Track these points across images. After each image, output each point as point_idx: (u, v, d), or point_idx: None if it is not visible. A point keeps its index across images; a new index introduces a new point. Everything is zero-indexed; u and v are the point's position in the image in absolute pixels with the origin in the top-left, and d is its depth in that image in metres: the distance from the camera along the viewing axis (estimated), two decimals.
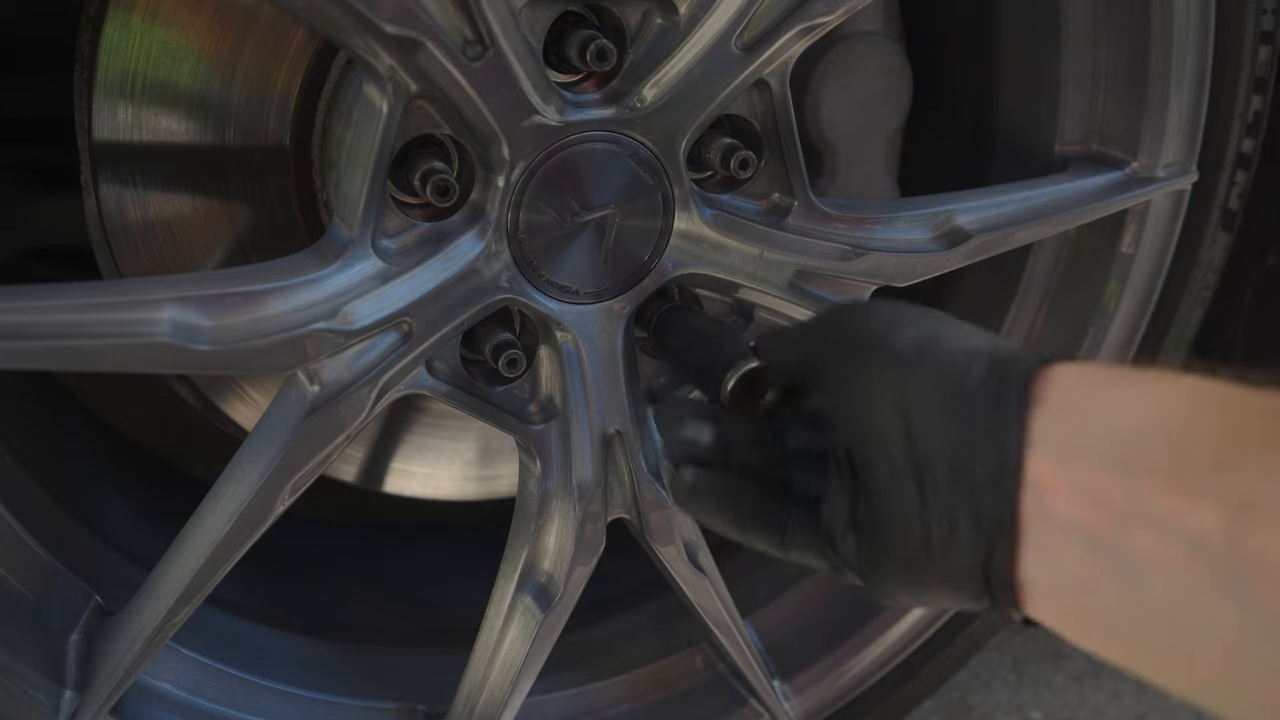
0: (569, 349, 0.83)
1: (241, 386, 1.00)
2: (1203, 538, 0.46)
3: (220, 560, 0.78)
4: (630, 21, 0.77)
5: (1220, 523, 0.46)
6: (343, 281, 0.74)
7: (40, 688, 0.79)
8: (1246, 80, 1.00)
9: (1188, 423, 0.50)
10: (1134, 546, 0.49)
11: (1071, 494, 0.52)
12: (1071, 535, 0.52)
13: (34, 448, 0.96)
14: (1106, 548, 0.50)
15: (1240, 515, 0.46)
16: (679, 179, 0.81)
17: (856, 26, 0.99)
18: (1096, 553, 0.51)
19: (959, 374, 0.58)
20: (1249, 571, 0.45)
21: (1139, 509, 0.49)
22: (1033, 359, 0.57)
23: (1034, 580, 0.55)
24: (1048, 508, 0.53)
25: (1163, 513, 0.48)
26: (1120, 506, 0.50)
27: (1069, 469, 0.52)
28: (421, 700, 1.01)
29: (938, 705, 1.40)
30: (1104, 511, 0.50)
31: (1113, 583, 0.50)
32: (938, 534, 0.57)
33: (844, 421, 0.63)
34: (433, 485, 1.15)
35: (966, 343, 0.60)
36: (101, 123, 0.82)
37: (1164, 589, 0.48)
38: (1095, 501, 0.51)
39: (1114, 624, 0.52)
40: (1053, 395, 0.55)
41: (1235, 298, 1.15)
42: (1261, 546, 0.45)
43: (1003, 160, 1.08)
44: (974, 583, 0.57)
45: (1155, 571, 0.48)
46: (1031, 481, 0.53)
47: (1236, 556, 0.45)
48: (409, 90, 0.71)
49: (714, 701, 1.09)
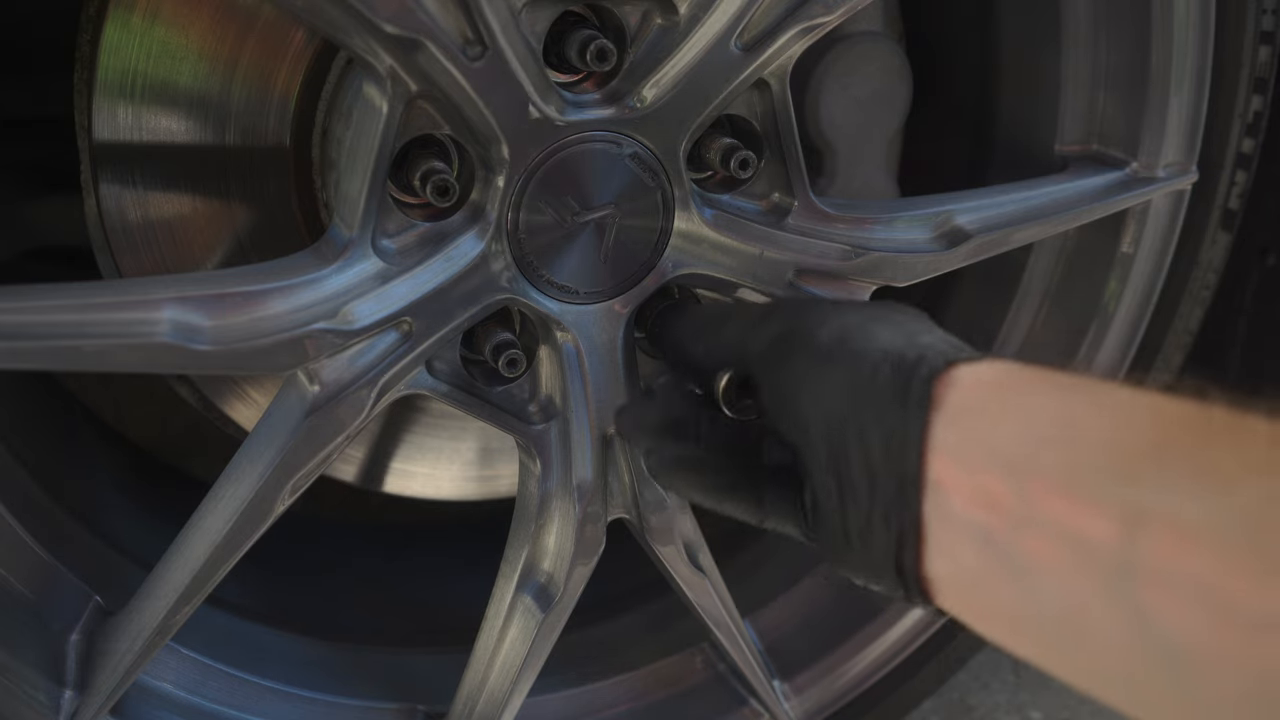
0: (569, 349, 0.83)
1: (241, 386, 1.00)
2: (1093, 544, 0.47)
3: (220, 560, 0.78)
4: (630, 21, 0.77)
5: (1111, 530, 0.46)
6: (343, 281, 0.74)
7: (40, 688, 0.79)
8: (1246, 80, 1.00)
9: (1085, 428, 0.51)
10: (1027, 550, 0.50)
11: (968, 495, 0.53)
12: (970, 535, 0.53)
13: (34, 448, 0.96)
14: (1002, 549, 0.51)
15: (1132, 524, 0.46)
16: (679, 179, 0.81)
17: (856, 26, 0.99)
18: (994, 554, 0.51)
19: (869, 375, 0.59)
20: (1140, 580, 0.45)
21: (1030, 513, 0.50)
22: (939, 359, 0.58)
23: (939, 576, 0.56)
24: (947, 508, 0.54)
25: (1054, 518, 0.48)
26: (1013, 509, 0.50)
27: (966, 471, 0.53)
28: (421, 700, 1.01)
29: (938, 705, 1.40)
30: (998, 513, 0.51)
31: (1010, 583, 0.51)
32: (855, 527, 0.59)
33: (781, 419, 0.65)
34: (433, 485, 1.15)
35: (882, 342, 0.61)
36: (101, 123, 0.82)
37: (1056, 593, 0.49)
38: (990, 504, 0.51)
39: (1014, 622, 0.53)
40: (955, 398, 0.56)
41: (1235, 298, 1.15)
42: (1152, 555, 0.45)
43: (1003, 160, 1.08)
44: (889, 574, 0.58)
45: (1046, 575, 0.49)
46: (932, 482, 0.54)
47: (1127, 565, 0.45)
48: (409, 90, 0.71)
49: (714, 701, 1.09)
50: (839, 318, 0.65)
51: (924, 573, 0.56)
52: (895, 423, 0.56)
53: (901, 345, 0.61)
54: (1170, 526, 0.44)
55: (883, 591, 0.62)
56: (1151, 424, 0.49)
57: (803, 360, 0.64)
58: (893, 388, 0.58)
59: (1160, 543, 0.44)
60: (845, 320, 0.65)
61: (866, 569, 0.60)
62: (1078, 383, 0.54)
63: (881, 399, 0.58)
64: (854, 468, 0.59)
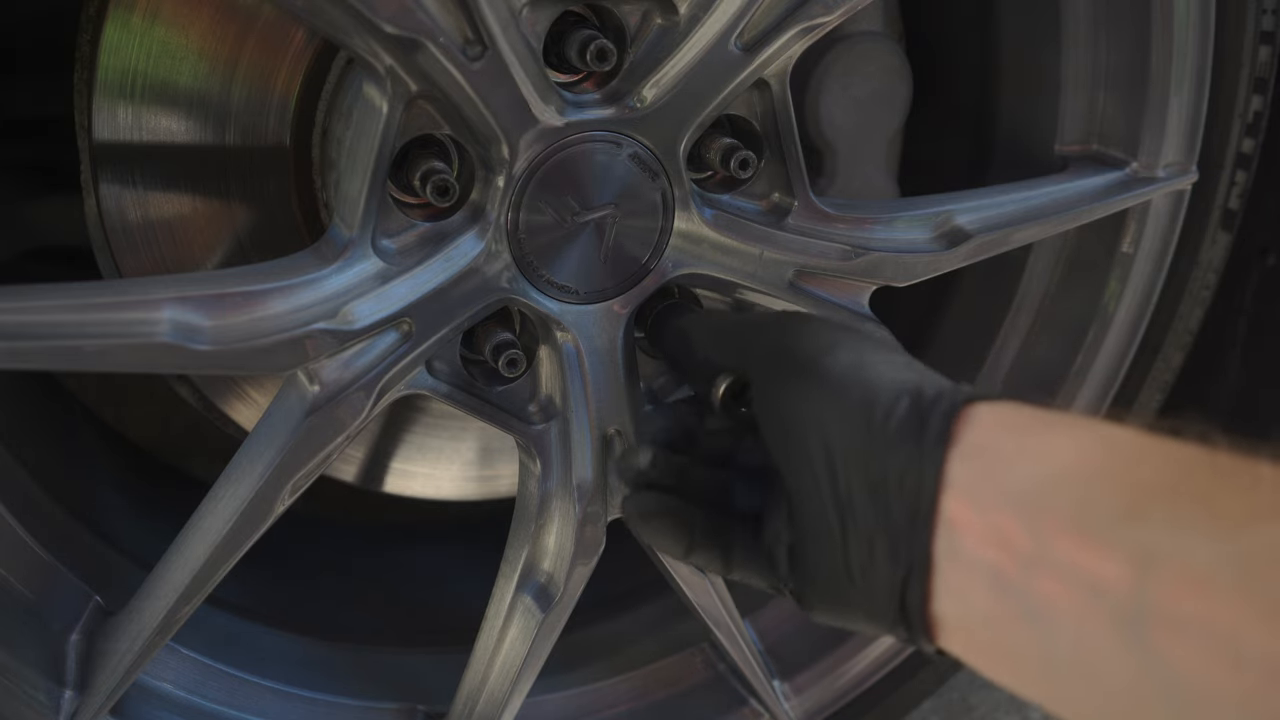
0: (569, 349, 0.83)
1: (241, 386, 1.00)
2: (1105, 587, 0.47)
3: (220, 560, 0.78)
4: (630, 21, 0.77)
5: (1123, 573, 0.46)
6: (343, 281, 0.74)
7: (40, 688, 0.79)
8: (1246, 80, 1.00)
9: (1098, 470, 0.51)
10: (1039, 591, 0.50)
11: (981, 535, 0.52)
12: (981, 576, 0.52)
13: (34, 448, 0.96)
14: (1013, 590, 0.51)
15: (1144, 567, 0.46)
16: (679, 179, 0.81)
17: (856, 26, 0.99)
18: (1004, 595, 0.51)
19: (884, 410, 0.58)
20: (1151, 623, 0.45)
21: (1044, 554, 0.50)
22: (956, 398, 0.58)
23: (946, 616, 0.55)
24: (959, 547, 0.54)
25: (1067, 559, 0.49)
26: (1026, 550, 0.50)
27: (980, 511, 0.53)
28: (421, 700, 1.01)
29: (938, 705, 1.40)
30: (1011, 554, 0.51)
31: (1019, 625, 0.51)
32: (857, 563, 0.58)
33: (776, 443, 0.64)
34: (433, 485, 1.15)
35: (895, 376, 0.61)
36: (101, 123, 0.82)
37: (1067, 635, 0.49)
38: (1003, 544, 0.51)
39: (1022, 664, 0.52)
40: (971, 437, 0.56)
41: (1235, 298, 1.15)
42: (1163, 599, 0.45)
43: (1003, 160, 1.08)
44: (890, 613, 0.58)
45: (1059, 617, 0.49)
46: (945, 520, 0.54)
47: (1139, 607, 0.46)
48: (409, 90, 0.71)
49: (714, 701, 1.09)
50: (850, 345, 0.64)
51: (930, 612, 0.56)
52: (910, 457, 0.56)
53: (918, 381, 0.60)
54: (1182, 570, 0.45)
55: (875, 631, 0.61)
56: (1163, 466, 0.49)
57: (811, 384, 0.62)
58: (910, 422, 0.57)
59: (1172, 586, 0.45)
60: (858, 348, 0.64)
61: (864, 607, 0.59)
62: (1090, 425, 0.55)
63: (899, 432, 0.57)
64: (860, 505, 0.58)
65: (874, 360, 0.63)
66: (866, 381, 0.61)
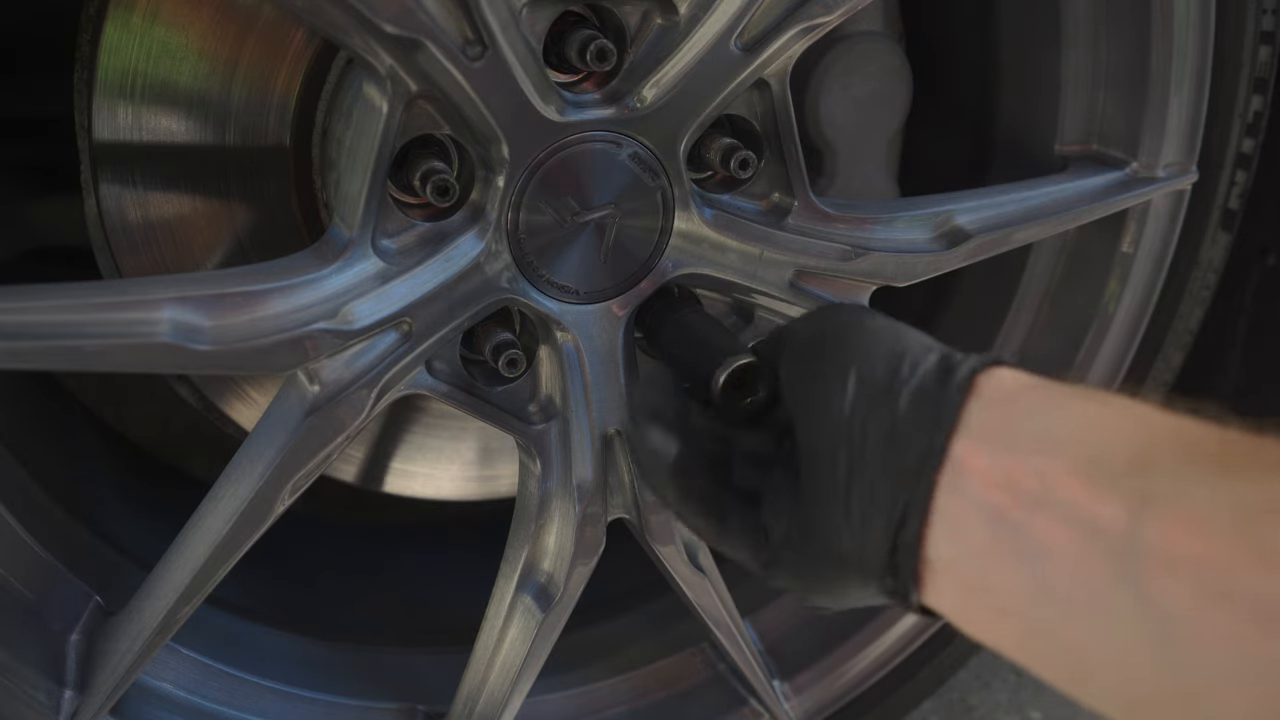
0: (569, 349, 0.83)
1: (241, 386, 1.00)
2: (1103, 526, 0.49)
3: (220, 560, 0.78)
4: (630, 21, 0.77)
5: (1121, 513, 0.48)
6: (343, 281, 0.74)
7: (40, 688, 0.79)
8: (1246, 80, 1.00)
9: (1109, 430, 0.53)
10: (1037, 529, 0.52)
11: (987, 476, 0.55)
12: (981, 514, 0.54)
13: (34, 448, 0.96)
14: (1012, 529, 0.53)
15: (1141, 506, 0.48)
16: (679, 179, 0.81)
17: (856, 26, 0.99)
18: (1002, 532, 0.53)
19: (912, 360, 0.62)
20: (1144, 560, 0.47)
21: (1047, 496, 0.52)
22: (981, 360, 0.61)
23: (939, 556, 0.57)
24: (963, 486, 0.56)
25: (1068, 501, 0.51)
26: (1030, 491, 0.52)
27: (989, 454, 0.55)
28: (421, 700, 1.01)
29: (938, 705, 1.40)
30: (1015, 495, 0.53)
31: (1012, 562, 0.53)
32: (858, 506, 0.60)
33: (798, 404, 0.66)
34: (433, 485, 1.15)
35: (923, 340, 0.65)
36: (101, 123, 0.82)
37: (1061, 572, 0.51)
38: (1008, 486, 0.53)
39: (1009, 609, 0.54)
40: (991, 390, 0.59)
41: (1235, 298, 1.15)
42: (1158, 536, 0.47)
43: (1003, 160, 1.08)
44: (880, 558, 0.59)
45: (1054, 554, 0.51)
46: (953, 460, 0.56)
47: (1134, 545, 0.47)
48: (409, 90, 0.71)
49: (714, 701, 1.09)
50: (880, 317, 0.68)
51: (923, 551, 0.57)
52: (932, 399, 0.59)
53: (943, 346, 0.64)
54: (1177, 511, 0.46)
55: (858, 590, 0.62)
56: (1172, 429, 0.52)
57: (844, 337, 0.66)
58: (936, 372, 0.60)
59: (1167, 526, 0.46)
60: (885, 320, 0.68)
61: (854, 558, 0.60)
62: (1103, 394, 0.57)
63: (925, 377, 0.60)
64: (874, 440, 0.60)
65: (901, 327, 0.67)
66: (898, 337, 0.65)
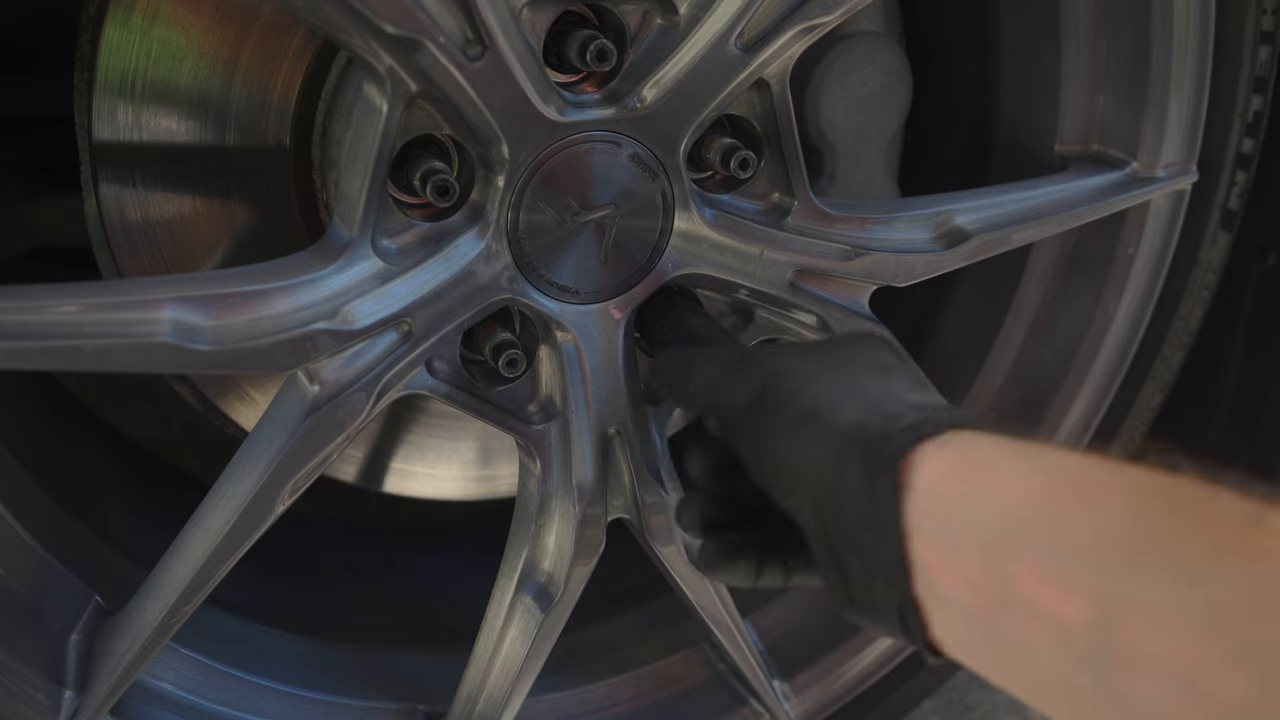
0: (569, 349, 0.83)
1: (241, 386, 1.00)
2: (1070, 629, 0.48)
3: (220, 560, 0.78)
4: (630, 21, 0.77)
5: (1086, 616, 0.47)
6: (343, 281, 0.74)
7: (40, 688, 0.79)
8: (1246, 80, 1.00)
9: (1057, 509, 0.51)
10: (1011, 630, 0.51)
11: (953, 579, 0.54)
12: (960, 613, 0.54)
13: (34, 448, 0.96)
14: (988, 626, 0.52)
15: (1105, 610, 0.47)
16: (679, 179, 0.81)
17: (856, 26, 0.99)
18: (981, 630, 0.53)
19: (839, 457, 0.60)
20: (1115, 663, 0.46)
21: (1009, 595, 0.51)
22: (907, 437, 0.57)
23: (942, 639, 0.57)
24: (936, 590, 0.55)
25: (1033, 602, 0.49)
26: (992, 591, 0.51)
27: (944, 553, 0.54)
28: (421, 700, 1.01)
29: (938, 705, 1.40)
30: (980, 594, 0.52)
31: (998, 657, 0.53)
32: (859, 594, 0.60)
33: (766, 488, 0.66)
34: (433, 485, 1.15)
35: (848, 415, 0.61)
36: (101, 123, 0.82)
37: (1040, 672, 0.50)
38: (974, 587, 0.52)
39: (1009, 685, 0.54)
40: (922, 480, 0.56)
41: (1235, 298, 1.15)
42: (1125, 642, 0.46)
43: (1003, 160, 1.08)
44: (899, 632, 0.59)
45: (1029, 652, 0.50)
46: (918, 562, 0.55)
47: (1102, 650, 0.47)
48: (409, 90, 0.71)
49: (714, 701, 1.09)
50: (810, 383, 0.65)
51: (929, 636, 0.57)
52: (869, 508, 0.57)
53: (864, 418, 0.61)
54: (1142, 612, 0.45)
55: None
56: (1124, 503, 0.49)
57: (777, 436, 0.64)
58: (862, 471, 0.58)
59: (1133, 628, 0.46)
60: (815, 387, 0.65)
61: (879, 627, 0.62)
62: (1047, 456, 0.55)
63: (854, 484, 0.58)
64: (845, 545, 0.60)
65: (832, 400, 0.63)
66: (822, 427, 0.62)
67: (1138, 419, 1.13)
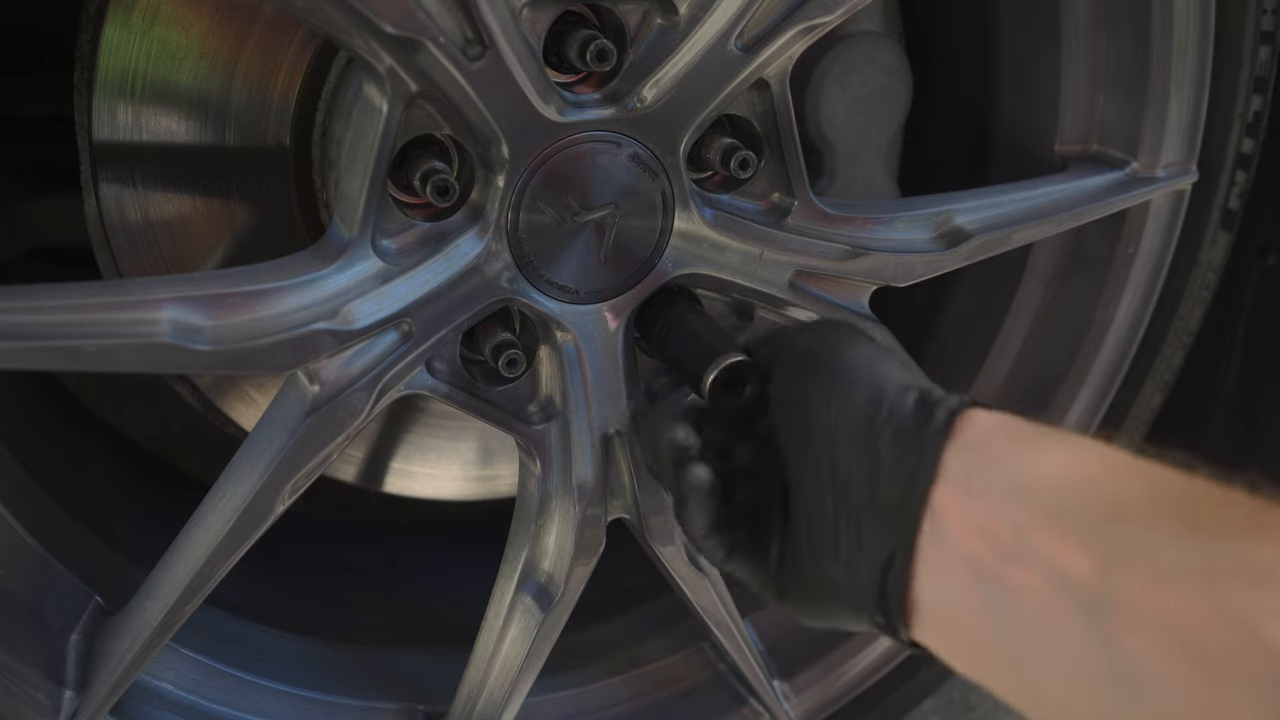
0: (569, 349, 0.83)
1: (241, 386, 1.00)
2: (1074, 579, 0.50)
3: (220, 560, 0.78)
4: (630, 21, 0.77)
5: (1092, 566, 0.50)
6: (343, 281, 0.74)
7: (40, 688, 0.79)
8: (1246, 80, 1.00)
9: (1083, 476, 0.54)
10: (1012, 581, 0.53)
11: (966, 526, 0.56)
12: (960, 562, 0.56)
13: (34, 448, 0.96)
14: (987, 579, 0.54)
15: (1112, 560, 0.49)
16: (679, 179, 0.81)
17: (856, 26, 0.99)
18: (979, 583, 0.55)
19: (891, 402, 0.62)
20: (1113, 613, 0.48)
21: (1022, 547, 0.53)
22: (959, 402, 0.61)
23: (923, 600, 0.58)
24: (944, 536, 0.57)
25: (1042, 553, 0.52)
26: (1006, 543, 0.54)
27: (967, 503, 0.56)
28: (421, 700, 1.01)
29: (938, 705, 1.40)
30: (992, 545, 0.54)
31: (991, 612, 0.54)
32: (846, 545, 0.61)
33: (785, 425, 0.67)
34: (433, 485, 1.15)
35: (903, 376, 0.65)
36: (101, 123, 0.82)
37: (1033, 623, 0.52)
38: (985, 535, 0.54)
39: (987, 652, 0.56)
40: (969, 435, 0.59)
41: (1235, 298, 1.15)
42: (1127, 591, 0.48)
43: (1003, 160, 1.08)
44: (871, 597, 0.60)
45: (1027, 606, 0.52)
46: (933, 509, 0.57)
47: (1103, 599, 0.49)
48: (409, 90, 0.71)
49: (714, 701, 1.09)
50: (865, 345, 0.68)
51: (909, 597, 0.58)
52: (910, 446, 0.59)
53: (922, 384, 0.64)
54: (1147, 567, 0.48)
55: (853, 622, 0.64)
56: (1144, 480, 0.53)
57: (827, 374, 0.66)
58: (916, 414, 0.61)
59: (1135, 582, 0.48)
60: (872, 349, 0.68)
61: (847, 594, 0.62)
62: (1080, 439, 0.58)
63: (903, 421, 0.61)
64: (857, 482, 0.61)
65: (886, 360, 0.67)
66: (877, 375, 0.65)
67: (1138, 419, 1.13)
